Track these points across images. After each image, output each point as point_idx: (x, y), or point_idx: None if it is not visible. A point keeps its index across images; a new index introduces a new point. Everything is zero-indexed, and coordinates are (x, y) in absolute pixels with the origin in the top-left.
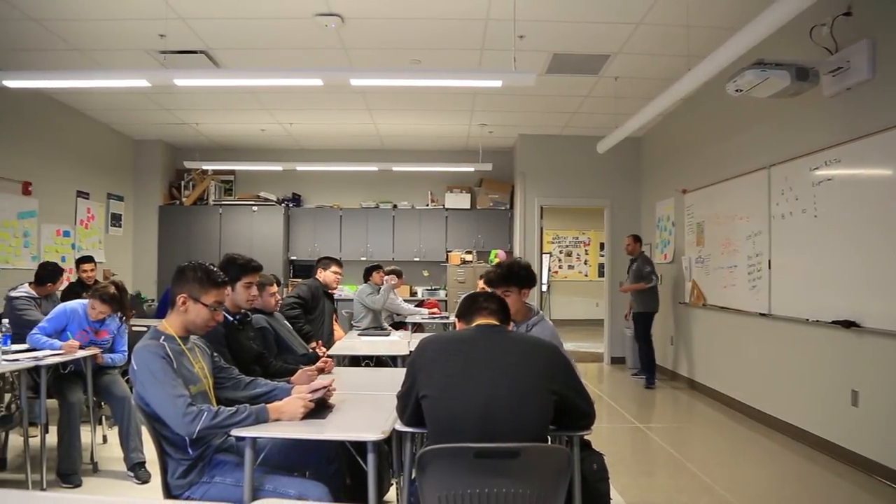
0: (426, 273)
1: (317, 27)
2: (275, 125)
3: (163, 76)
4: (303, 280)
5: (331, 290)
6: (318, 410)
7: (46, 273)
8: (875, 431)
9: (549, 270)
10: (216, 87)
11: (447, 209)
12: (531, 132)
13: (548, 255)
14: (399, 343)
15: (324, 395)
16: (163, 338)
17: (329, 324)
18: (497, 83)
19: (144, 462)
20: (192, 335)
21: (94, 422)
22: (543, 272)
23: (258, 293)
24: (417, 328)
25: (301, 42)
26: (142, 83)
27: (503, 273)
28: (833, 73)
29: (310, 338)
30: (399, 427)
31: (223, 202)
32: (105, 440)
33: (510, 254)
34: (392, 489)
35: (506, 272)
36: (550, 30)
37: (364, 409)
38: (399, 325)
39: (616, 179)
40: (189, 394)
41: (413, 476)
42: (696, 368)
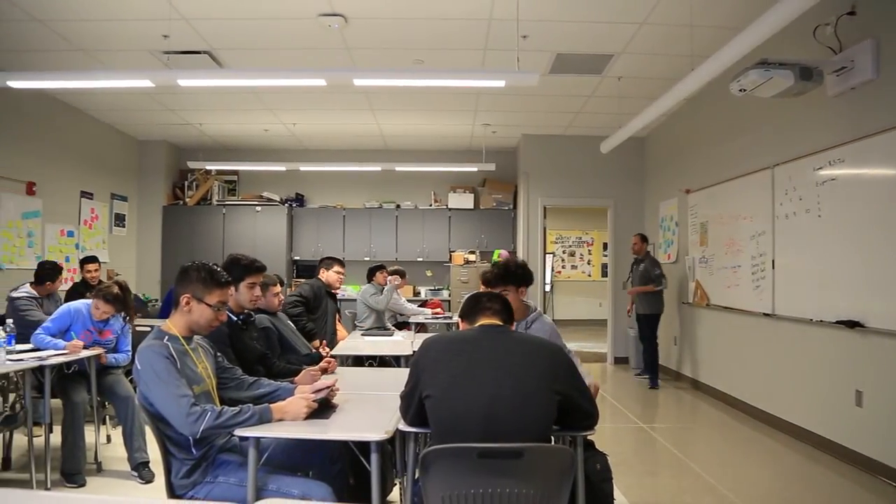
0: (429, 273)
1: (320, 27)
2: (278, 125)
3: (166, 76)
4: (305, 280)
5: (334, 290)
6: (322, 410)
7: (45, 272)
8: (879, 432)
9: (553, 270)
10: (220, 88)
11: (450, 209)
12: (534, 132)
13: (551, 256)
14: (402, 343)
15: (327, 395)
16: (166, 338)
17: (332, 323)
18: (500, 83)
19: (148, 462)
20: (196, 335)
21: (98, 421)
22: (547, 272)
23: (262, 293)
24: (421, 328)
25: (304, 42)
26: (145, 83)
27: (500, 272)
28: (837, 73)
29: (313, 335)
30: (402, 427)
31: (227, 202)
32: (109, 440)
33: (513, 254)
34: (395, 489)
35: (502, 271)
36: (554, 30)
37: (367, 409)
38: (402, 326)
39: (619, 179)
40: (192, 394)
41: (416, 476)
42: (700, 369)
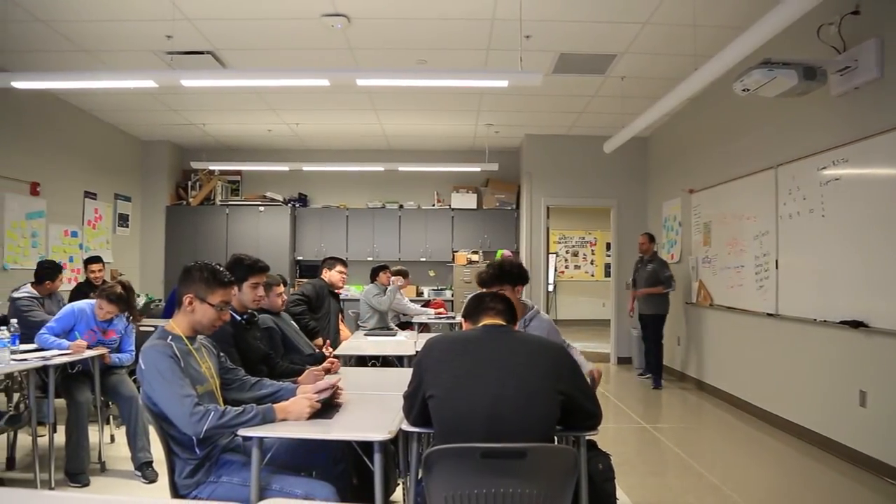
0: (432, 273)
1: (323, 27)
2: (281, 125)
3: (170, 77)
4: (308, 280)
5: (336, 290)
6: (325, 410)
7: (44, 271)
8: (883, 432)
9: (556, 270)
10: (223, 88)
11: (453, 209)
12: (538, 132)
13: (554, 255)
14: (405, 343)
15: (330, 395)
16: (170, 337)
17: (335, 323)
18: (503, 83)
19: (152, 461)
20: (199, 335)
21: (102, 421)
22: (550, 272)
23: (265, 293)
24: (424, 328)
25: (307, 42)
26: (149, 84)
27: (495, 273)
28: (841, 73)
29: (315, 333)
30: (405, 427)
31: (230, 202)
32: (113, 440)
33: (516, 254)
34: (398, 489)
35: (497, 271)
36: (557, 30)
37: (370, 410)
38: (405, 326)
39: (623, 179)
40: (196, 393)
41: (419, 476)
42: (703, 369)
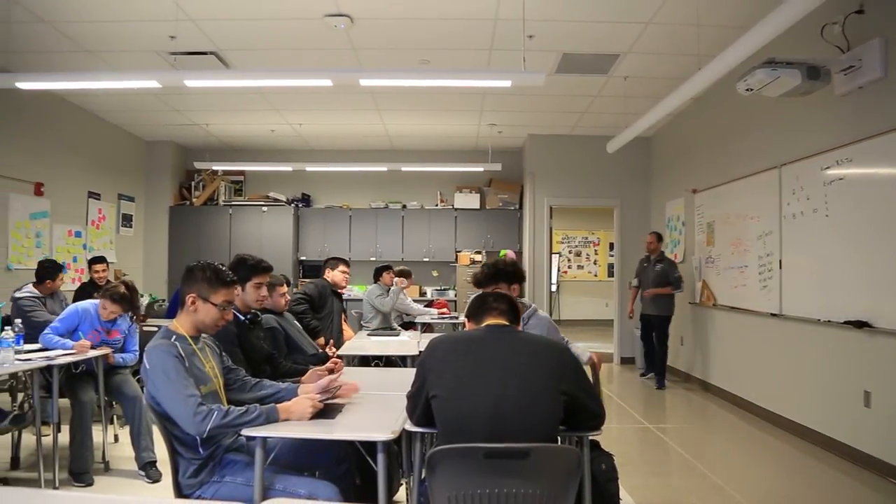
0: (435, 273)
1: (326, 28)
2: (284, 126)
3: (173, 77)
4: (311, 280)
5: (339, 290)
6: (328, 410)
7: (44, 270)
8: (887, 432)
9: (559, 270)
10: (226, 88)
11: (456, 209)
12: (540, 132)
13: (557, 255)
14: (409, 343)
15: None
16: (174, 337)
17: (338, 323)
18: (506, 83)
19: (155, 461)
20: (203, 335)
21: (106, 421)
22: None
23: (268, 293)
24: (427, 328)
25: (310, 43)
26: (152, 84)
27: (489, 272)
28: (845, 72)
29: (317, 332)
30: (409, 427)
31: (233, 202)
32: (116, 439)
33: (519, 254)
34: (402, 489)
35: (492, 270)
36: (560, 29)
37: (374, 410)
38: (408, 326)
39: (626, 179)
40: (200, 393)
41: (423, 476)
42: (706, 369)
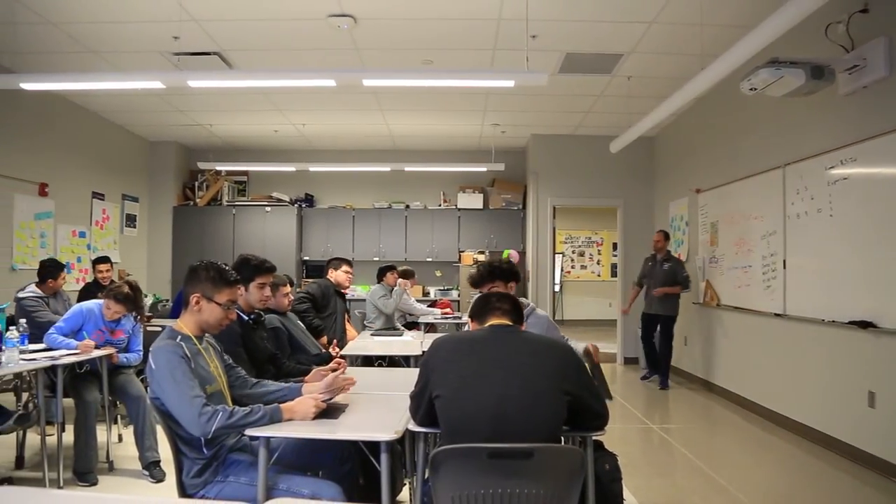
0: (439, 273)
1: (329, 28)
2: (287, 126)
3: (177, 78)
4: (314, 280)
5: (343, 290)
6: (331, 410)
7: (46, 270)
8: (892, 433)
9: (562, 270)
10: (229, 89)
11: (459, 209)
12: (544, 132)
13: (560, 255)
14: (412, 343)
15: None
16: (179, 337)
17: (341, 323)
18: (509, 83)
19: (159, 461)
20: (207, 334)
21: (110, 421)
22: (556, 272)
23: (271, 293)
24: (430, 328)
25: (314, 43)
26: (156, 85)
27: (485, 272)
28: (849, 72)
29: (320, 331)
30: (412, 427)
31: (236, 203)
32: (120, 439)
33: (522, 254)
34: (405, 489)
35: (487, 269)
36: (563, 29)
37: (377, 410)
38: (412, 326)
39: (629, 179)
40: (205, 394)
41: (426, 476)
42: (710, 369)
